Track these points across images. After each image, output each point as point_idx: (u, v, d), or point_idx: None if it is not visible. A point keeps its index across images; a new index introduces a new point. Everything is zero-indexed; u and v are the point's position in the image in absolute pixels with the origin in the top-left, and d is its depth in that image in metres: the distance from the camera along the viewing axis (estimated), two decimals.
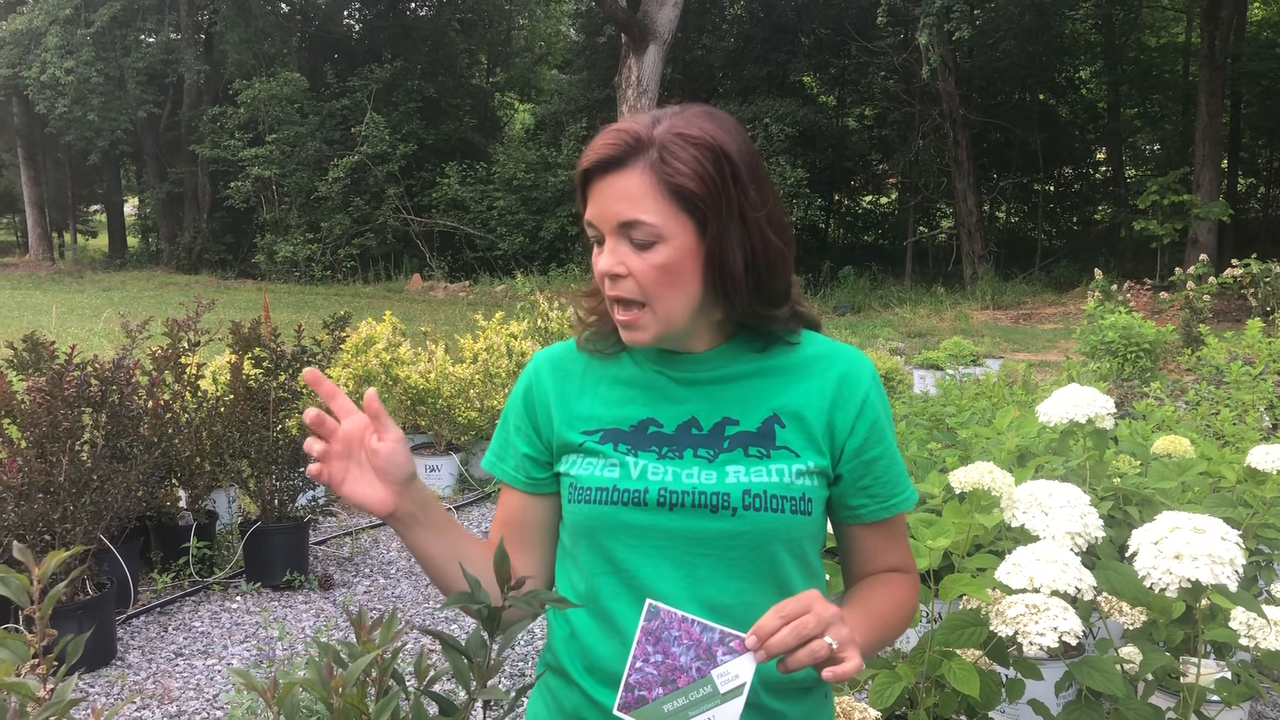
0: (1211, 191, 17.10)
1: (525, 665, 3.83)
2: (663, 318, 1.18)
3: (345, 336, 4.91)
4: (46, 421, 3.67)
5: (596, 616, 1.24)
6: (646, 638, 1.10)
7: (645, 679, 1.10)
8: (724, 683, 1.08)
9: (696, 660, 1.09)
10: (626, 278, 1.16)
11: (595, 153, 1.17)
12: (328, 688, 1.03)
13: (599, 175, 1.17)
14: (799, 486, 1.21)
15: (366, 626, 1.19)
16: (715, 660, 1.08)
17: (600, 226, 1.18)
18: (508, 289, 18.16)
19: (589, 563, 1.25)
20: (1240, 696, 1.95)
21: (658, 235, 1.15)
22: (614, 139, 1.16)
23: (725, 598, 1.20)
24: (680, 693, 1.08)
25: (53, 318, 12.97)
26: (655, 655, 1.10)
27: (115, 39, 22.82)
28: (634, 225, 1.15)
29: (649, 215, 1.14)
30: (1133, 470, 2.71)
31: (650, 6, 17.29)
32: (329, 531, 5.37)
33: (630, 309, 1.18)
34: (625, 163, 1.15)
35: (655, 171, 1.14)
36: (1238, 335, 6.18)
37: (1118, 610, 2.04)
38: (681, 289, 1.17)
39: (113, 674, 3.69)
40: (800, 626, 1.05)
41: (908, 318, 15.79)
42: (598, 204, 1.17)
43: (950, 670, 1.80)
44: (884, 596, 1.28)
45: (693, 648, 1.09)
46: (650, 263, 1.15)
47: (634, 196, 1.15)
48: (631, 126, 1.16)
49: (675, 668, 1.09)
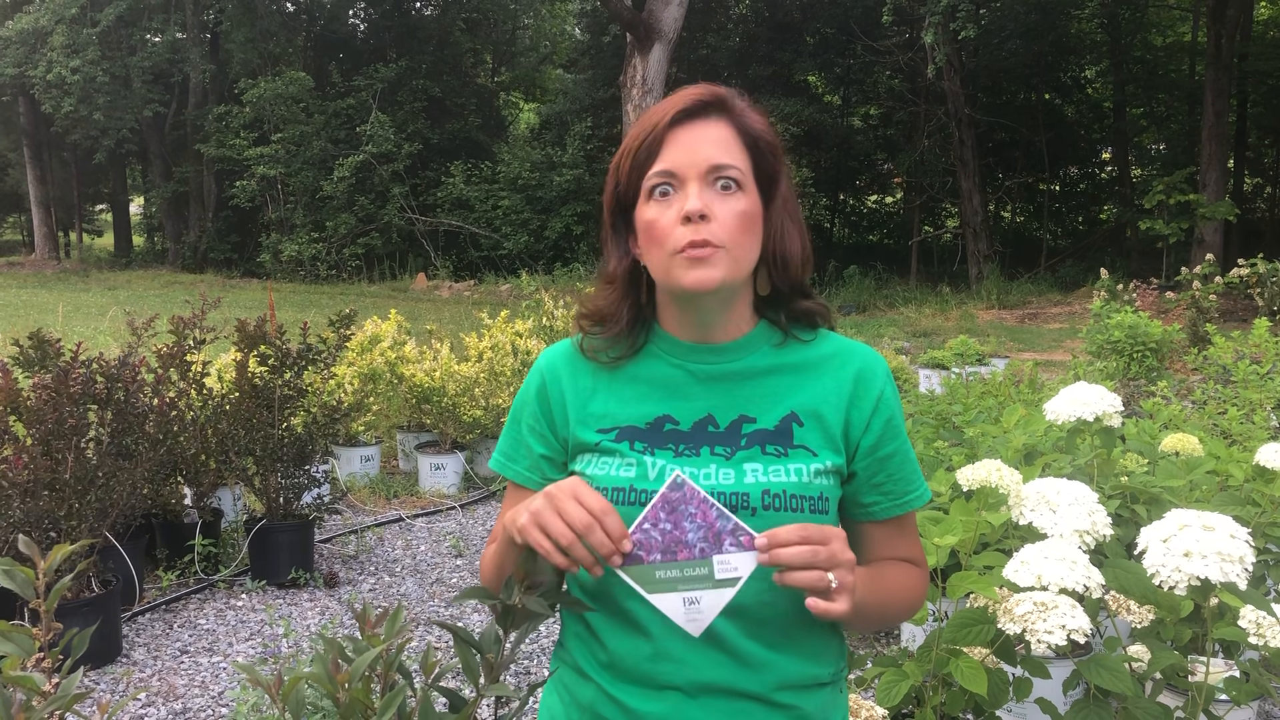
0: (1218, 191, 17.05)
1: (531, 663, 3.82)
2: (733, 262, 1.19)
3: (351, 335, 4.91)
4: (52, 418, 3.67)
5: (613, 614, 1.23)
6: (663, 504, 1.11)
7: (648, 541, 1.10)
8: (721, 570, 1.09)
9: (703, 541, 1.10)
10: (711, 221, 1.17)
11: (685, 99, 1.20)
12: (333, 682, 1.03)
13: (685, 122, 1.20)
14: (817, 486, 1.21)
15: (371, 621, 1.18)
16: (721, 547, 1.09)
17: (684, 172, 1.18)
18: (513, 288, 18.16)
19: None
20: (1249, 695, 1.94)
21: (742, 181, 1.19)
22: (700, 91, 1.21)
23: (743, 597, 1.18)
24: (676, 565, 1.09)
25: (59, 316, 13.00)
26: (665, 523, 1.11)
27: (121, 38, 22.86)
28: (724, 168, 1.18)
29: (737, 161, 1.20)
30: (1140, 469, 2.70)
31: (655, 6, 17.28)
32: (334, 529, 5.37)
33: (705, 246, 1.18)
34: (710, 114, 1.21)
35: (737, 125, 1.21)
36: (1244, 335, 6.16)
37: (1125, 609, 2.03)
38: (754, 241, 1.22)
39: (118, 671, 3.70)
40: (814, 552, 1.06)
41: (913, 317, 15.76)
42: (683, 149, 1.19)
43: (957, 668, 1.80)
44: (893, 574, 1.28)
45: (704, 529, 1.10)
46: (734, 209, 1.18)
47: (722, 142, 1.20)
48: (702, 87, 1.22)
49: (680, 541, 1.10)
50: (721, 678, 1.19)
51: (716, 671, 1.19)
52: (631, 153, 1.21)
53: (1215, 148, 17.30)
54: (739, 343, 1.27)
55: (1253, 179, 24.01)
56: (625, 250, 1.27)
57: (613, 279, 1.28)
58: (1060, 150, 22.97)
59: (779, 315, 1.29)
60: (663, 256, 1.19)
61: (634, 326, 1.28)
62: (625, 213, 1.25)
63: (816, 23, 22.72)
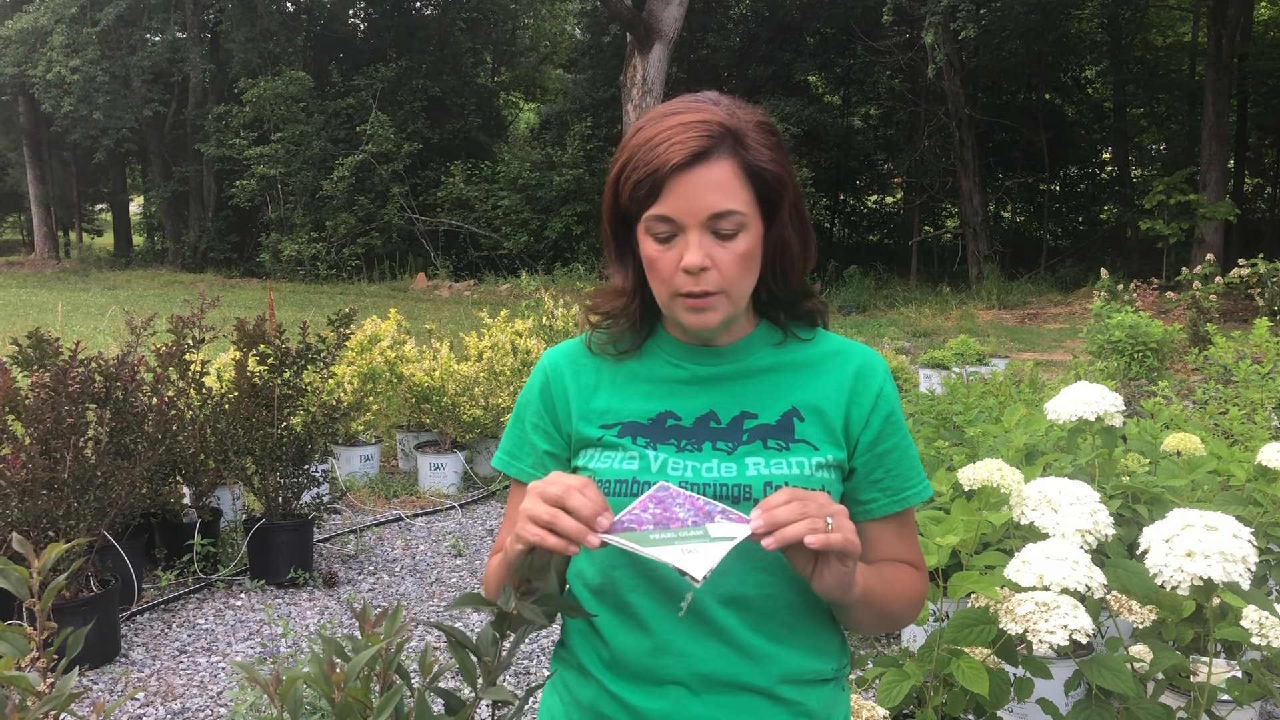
0: (1218, 191, 17.04)
1: (530, 663, 3.82)
2: (734, 302, 1.19)
3: (350, 334, 4.89)
4: (50, 417, 3.66)
5: (615, 609, 1.24)
6: (651, 499, 1.12)
7: (638, 520, 1.09)
8: (715, 533, 1.07)
9: (694, 517, 1.10)
10: (710, 270, 1.15)
11: (683, 147, 1.12)
12: (330, 682, 1.02)
13: (684, 170, 1.13)
14: (818, 479, 1.21)
15: (370, 620, 1.17)
16: (713, 520, 1.09)
17: (684, 221, 1.15)
18: (512, 288, 18.16)
19: (605, 554, 1.23)
20: (1251, 696, 1.94)
21: (743, 224, 1.16)
22: (700, 130, 1.13)
23: (746, 589, 1.19)
24: (670, 530, 1.08)
25: (58, 315, 12.99)
26: (654, 509, 1.11)
27: (121, 38, 22.84)
28: (725, 216, 1.14)
29: (739, 204, 1.15)
30: (1142, 468, 2.69)
31: (655, 6, 17.27)
32: (333, 529, 5.36)
33: (706, 296, 1.17)
34: (712, 154, 1.14)
35: (738, 159, 1.15)
36: (1245, 335, 6.15)
37: (1127, 609, 2.02)
38: (754, 275, 1.20)
39: (116, 671, 3.69)
40: (804, 505, 1.05)
41: (913, 317, 15.75)
42: (683, 199, 1.14)
43: (959, 668, 1.79)
44: (893, 573, 1.28)
45: (693, 512, 1.10)
46: (735, 252, 1.16)
47: (723, 187, 1.14)
48: (709, 116, 1.15)
49: (671, 518, 1.09)
50: (724, 670, 1.19)
51: (719, 664, 1.19)
52: (630, 183, 1.16)
53: (1215, 148, 17.29)
54: (740, 344, 1.28)
55: (1253, 179, 24.00)
56: (628, 267, 1.27)
57: (622, 292, 1.28)
58: (1060, 150, 22.96)
59: (779, 315, 1.30)
60: (665, 294, 1.20)
61: (641, 323, 1.30)
62: (627, 223, 1.24)
63: (816, 22, 22.71)
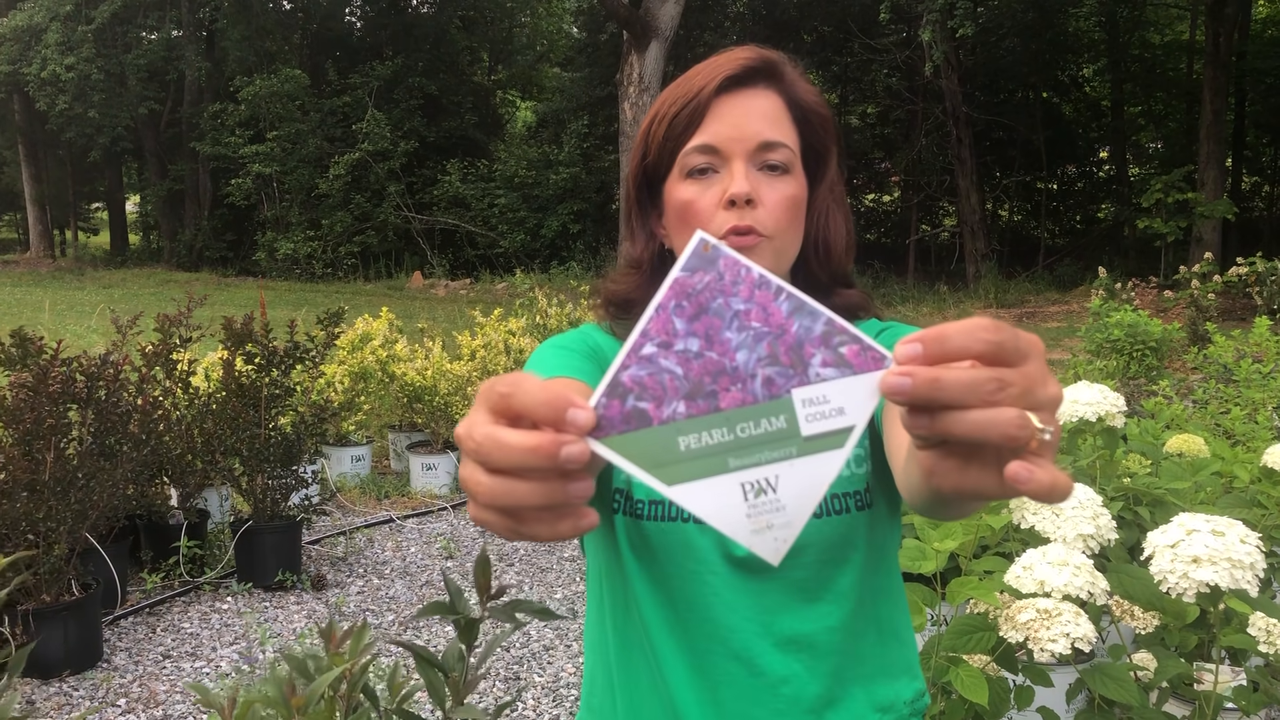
0: (1216, 189, 16.99)
1: (521, 668, 3.75)
2: (776, 254, 1.04)
3: (339, 333, 4.83)
4: (30, 418, 3.59)
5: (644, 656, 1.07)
6: (680, 295, 0.55)
7: (655, 382, 0.54)
8: (810, 415, 0.55)
9: (765, 362, 0.55)
10: (758, 207, 1.02)
11: (734, 64, 1.03)
12: (289, 706, 0.96)
13: (733, 90, 1.03)
14: (860, 477, 1.06)
15: (336, 638, 1.11)
16: (805, 369, 0.55)
17: (729, 148, 1.03)
18: (508, 287, 18.09)
19: (643, 590, 1.06)
20: (1259, 705, 1.88)
21: (792, 162, 1.05)
22: (750, 54, 1.04)
23: (805, 625, 1.01)
24: (717, 419, 0.54)
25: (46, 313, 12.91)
26: (687, 338, 0.55)
27: (116, 35, 22.74)
28: (774, 147, 1.03)
29: (788, 139, 1.04)
30: (1144, 470, 2.63)
31: (652, 3, 17.20)
32: (323, 530, 5.29)
33: (750, 234, 1.02)
34: (760, 82, 1.04)
35: (787, 96, 1.05)
36: (1244, 333, 6.10)
37: (1130, 614, 1.96)
38: (799, 230, 1.07)
39: (98, 676, 3.62)
40: (999, 378, 0.53)
41: (910, 316, 15.70)
42: (729, 122, 1.02)
43: (957, 677, 1.73)
44: None
45: (765, 337, 0.55)
46: (783, 193, 1.03)
47: (772, 117, 1.04)
48: (750, 52, 1.05)
49: (719, 371, 0.55)
50: None
51: None
52: (667, 119, 1.04)
53: (1213, 146, 17.24)
54: None
55: (1251, 177, 23.95)
56: (651, 233, 1.13)
57: (638, 264, 1.13)
58: (1058, 149, 22.90)
59: None
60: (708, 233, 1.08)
61: None
62: (653, 187, 1.10)
63: (814, 20, 22.66)
